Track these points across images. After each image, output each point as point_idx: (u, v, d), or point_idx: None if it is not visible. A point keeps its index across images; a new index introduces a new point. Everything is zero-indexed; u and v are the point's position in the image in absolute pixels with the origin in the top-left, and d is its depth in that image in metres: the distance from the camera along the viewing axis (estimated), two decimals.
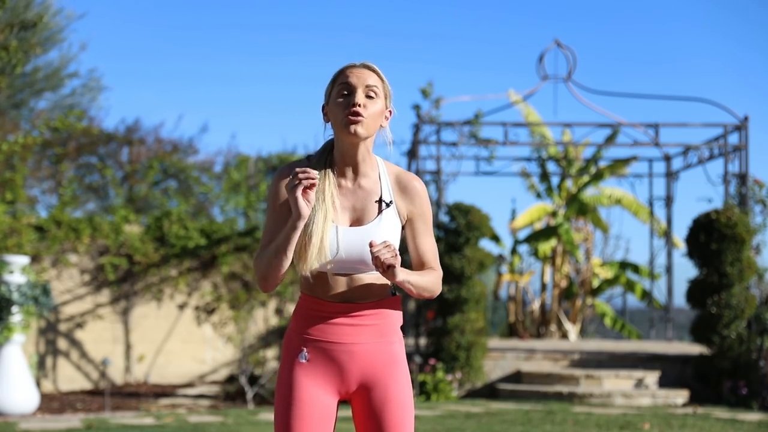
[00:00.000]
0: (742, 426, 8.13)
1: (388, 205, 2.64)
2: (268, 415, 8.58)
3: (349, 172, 2.65)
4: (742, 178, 10.75)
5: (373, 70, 2.63)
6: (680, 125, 11.26)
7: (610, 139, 12.80)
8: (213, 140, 36.57)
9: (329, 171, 2.63)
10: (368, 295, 2.63)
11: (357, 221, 2.63)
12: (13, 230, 11.00)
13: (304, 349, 2.63)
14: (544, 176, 14.12)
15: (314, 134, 14.66)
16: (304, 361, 2.63)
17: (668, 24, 35.24)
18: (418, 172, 11.14)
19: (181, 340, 12.13)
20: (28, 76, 14.90)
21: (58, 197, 13.47)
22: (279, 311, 11.49)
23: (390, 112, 2.68)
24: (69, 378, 11.45)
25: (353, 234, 2.59)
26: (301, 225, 2.50)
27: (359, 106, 2.56)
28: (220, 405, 10.04)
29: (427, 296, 2.69)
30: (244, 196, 12.69)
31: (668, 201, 13.01)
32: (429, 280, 2.66)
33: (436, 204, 11.06)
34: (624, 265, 14.13)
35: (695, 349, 10.94)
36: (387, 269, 2.49)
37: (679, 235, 13.63)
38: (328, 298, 2.62)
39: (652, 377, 10.08)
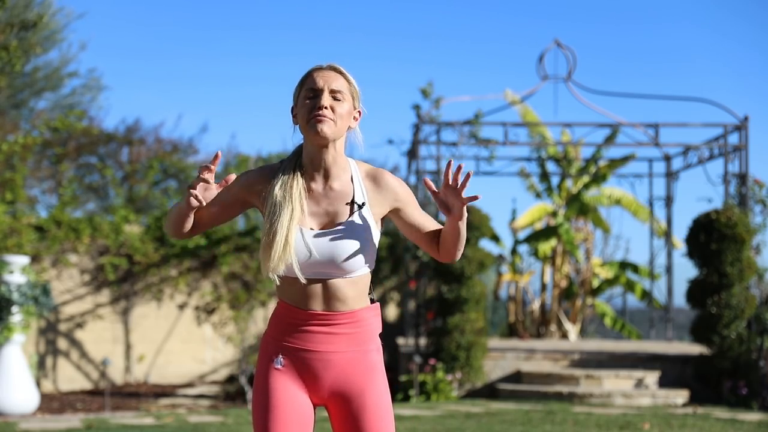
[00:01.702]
0: (742, 426, 8.12)
1: (360, 207, 2.61)
2: None
3: (319, 176, 2.62)
4: (742, 178, 10.75)
5: (340, 72, 2.61)
6: (680, 125, 11.26)
7: (609, 139, 12.80)
8: (213, 140, 36.56)
9: (298, 174, 2.61)
10: (344, 304, 2.60)
11: (329, 225, 2.60)
12: (13, 230, 11.00)
13: (280, 355, 2.62)
14: (544, 176, 14.12)
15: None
16: (279, 366, 2.61)
17: (668, 24, 35.25)
18: (418, 173, 11.14)
19: (181, 340, 12.13)
20: (28, 76, 14.90)
21: (58, 197, 13.46)
22: None
23: (359, 112, 2.66)
24: (69, 378, 11.45)
25: (323, 236, 2.57)
26: (189, 210, 2.58)
27: (325, 108, 2.55)
28: (220, 405, 10.04)
29: (458, 253, 2.71)
30: None
31: (668, 201, 13.01)
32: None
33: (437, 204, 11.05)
34: (624, 265, 14.13)
35: (695, 349, 10.94)
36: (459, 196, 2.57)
37: (679, 235, 13.65)
38: (303, 306, 2.59)
39: (652, 377, 10.08)
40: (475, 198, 2.55)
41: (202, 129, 18.56)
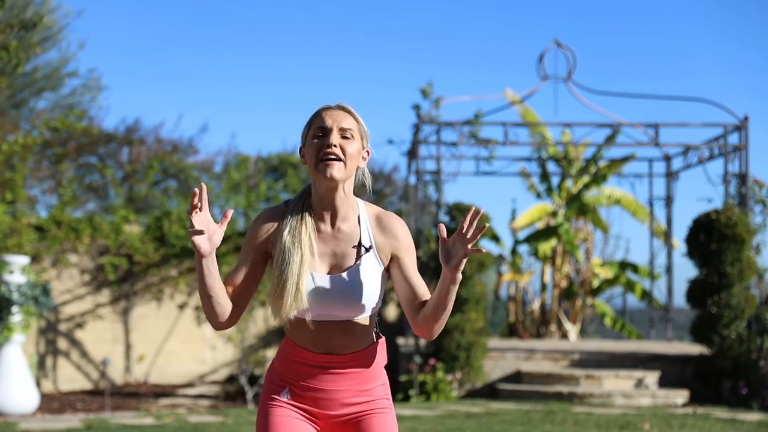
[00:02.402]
0: (742, 426, 8.12)
1: (367, 250, 2.59)
2: None
3: (328, 217, 2.60)
4: (742, 178, 10.75)
5: (349, 112, 2.60)
6: (680, 125, 11.26)
7: (610, 139, 12.80)
8: (213, 140, 36.54)
9: (306, 215, 2.58)
10: (351, 346, 2.60)
11: (336, 267, 2.58)
12: (13, 230, 11.00)
13: (287, 387, 2.63)
14: (544, 176, 14.12)
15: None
16: (285, 399, 2.63)
17: (668, 24, 35.26)
18: (418, 172, 11.14)
19: (181, 340, 12.13)
20: (28, 76, 14.91)
21: (58, 197, 13.47)
22: None
23: (368, 152, 2.64)
24: (69, 378, 11.45)
25: (333, 281, 2.56)
26: (205, 263, 2.45)
27: (334, 146, 2.53)
28: (220, 405, 10.04)
29: (436, 327, 2.58)
30: (244, 196, 12.69)
31: (668, 201, 13.01)
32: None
33: (436, 204, 11.06)
34: (624, 265, 14.13)
35: (695, 349, 10.94)
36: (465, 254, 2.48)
37: (679, 235, 13.65)
38: (310, 348, 2.59)
39: (652, 377, 10.08)
40: (479, 251, 2.47)
41: (202, 129, 18.56)
